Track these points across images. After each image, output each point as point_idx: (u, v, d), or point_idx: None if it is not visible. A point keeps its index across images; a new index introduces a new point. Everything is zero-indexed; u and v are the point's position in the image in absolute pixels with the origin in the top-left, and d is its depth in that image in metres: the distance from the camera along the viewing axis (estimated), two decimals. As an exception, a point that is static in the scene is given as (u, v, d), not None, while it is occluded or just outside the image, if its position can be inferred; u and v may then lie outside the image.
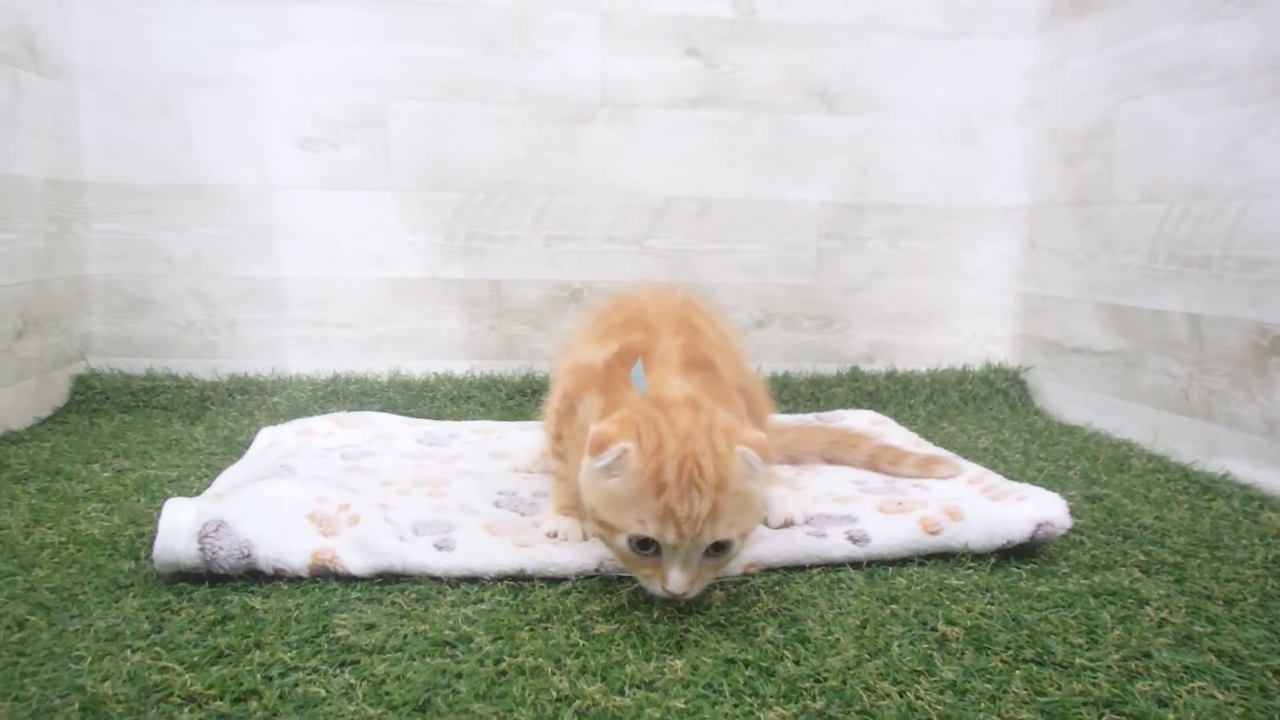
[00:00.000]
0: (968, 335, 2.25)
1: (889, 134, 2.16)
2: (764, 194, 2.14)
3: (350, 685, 0.81)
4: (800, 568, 1.11)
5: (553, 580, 1.06)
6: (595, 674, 0.84)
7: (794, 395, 2.08)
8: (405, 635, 0.91)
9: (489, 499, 1.33)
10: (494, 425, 1.80)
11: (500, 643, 0.90)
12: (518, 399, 2.02)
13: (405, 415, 1.84)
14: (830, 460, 1.55)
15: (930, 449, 1.56)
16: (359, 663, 0.85)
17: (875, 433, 1.64)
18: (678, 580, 0.95)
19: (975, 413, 2.07)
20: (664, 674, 0.85)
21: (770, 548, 1.12)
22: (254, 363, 2.06)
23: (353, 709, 0.77)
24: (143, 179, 1.98)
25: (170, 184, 1.99)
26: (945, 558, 1.14)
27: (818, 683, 0.84)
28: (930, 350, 2.24)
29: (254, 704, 0.78)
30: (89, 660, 0.85)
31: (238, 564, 1.03)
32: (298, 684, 0.81)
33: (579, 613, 0.97)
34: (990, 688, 0.83)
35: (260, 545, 1.04)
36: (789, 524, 1.20)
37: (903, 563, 1.13)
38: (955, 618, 0.97)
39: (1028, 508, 1.17)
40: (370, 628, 0.92)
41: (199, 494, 1.20)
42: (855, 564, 1.12)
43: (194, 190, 1.99)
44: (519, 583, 1.05)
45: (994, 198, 2.20)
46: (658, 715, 0.77)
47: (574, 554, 1.08)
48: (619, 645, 0.90)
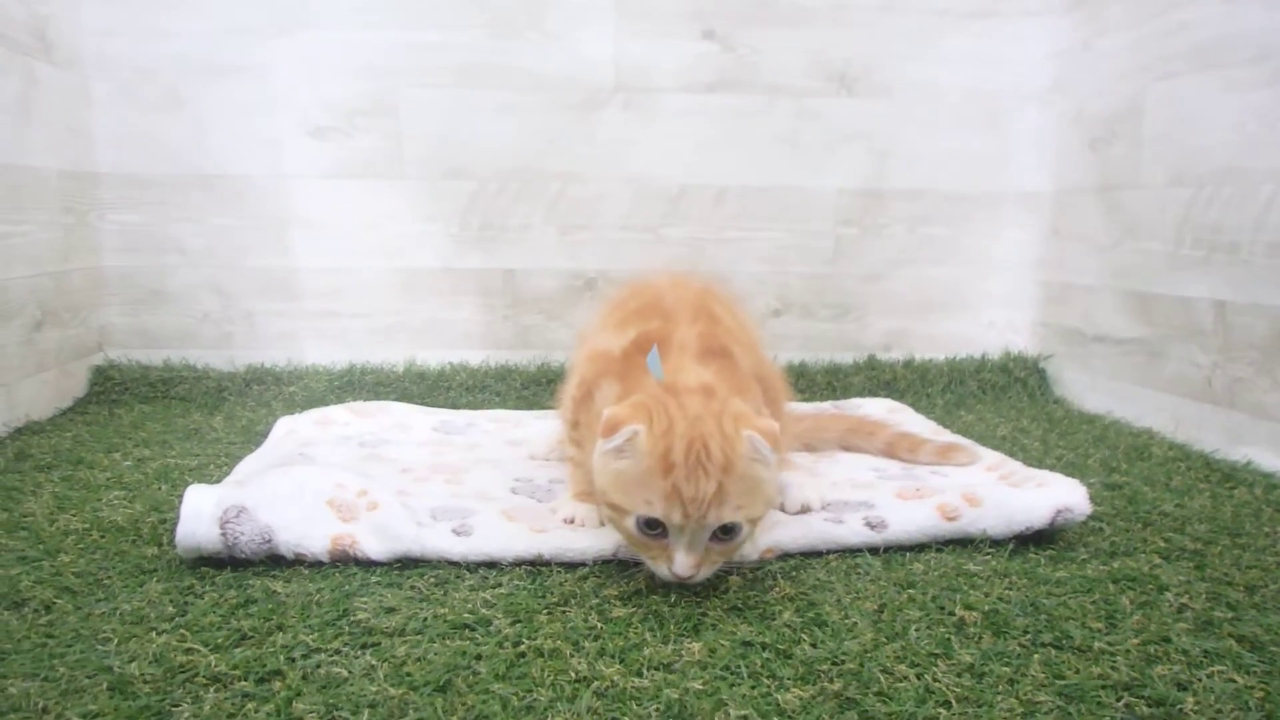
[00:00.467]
0: (986, 324, 2.23)
1: (909, 118, 2.14)
2: (781, 180, 2.13)
3: (371, 666, 0.82)
4: (817, 553, 1.11)
5: (570, 565, 1.06)
6: (613, 656, 0.85)
7: (810, 384, 2.08)
8: (425, 618, 0.91)
9: (506, 485, 1.34)
10: (510, 414, 1.81)
11: (519, 626, 0.90)
12: (533, 389, 2.03)
13: (421, 405, 1.85)
14: (848, 448, 1.55)
15: (949, 436, 1.56)
16: (380, 645, 0.86)
17: (893, 420, 1.64)
18: (684, 562, 0.95)
19: (993, 402, 2.06)
20: (681, 656, 0.85)
21: (787, 533, 1.12)
22: (270, 353, 2.07)
23: (374, 689, 0.78)
24: (156, 170, 1.99)
25: (184, 174, 2.00)
26: (963, 544, 1.14)
27: (835, 665, 0.84)
28: (948, 339, 2.23)
29: (277, 684, 0.79)
30: (115, 642, 0.86)
31: (259, 549, 1.04)
32: (320, 665, 0.82)
33: (597, 596, 0.98)
34: (1008, 671, 0.83)
35: (281, 531, 1.04)
36: (806, 510, 1.20)
37: (920, 549, 1.13)
38: (973, 602, 0.97)
39: (1047, 494, 1.16)
40: (390, 611, 0.93)
41: (218, 482, 1.21)
42: (873, 550, 1.12)
43: (208, 181, 2.01)
44: (537, 567, 1.06)
45: (1016, 183, 2.18)
46: (675, 696, 0.78)
47: (591, 539, 1.08)
48: (637, 628, 0.91)
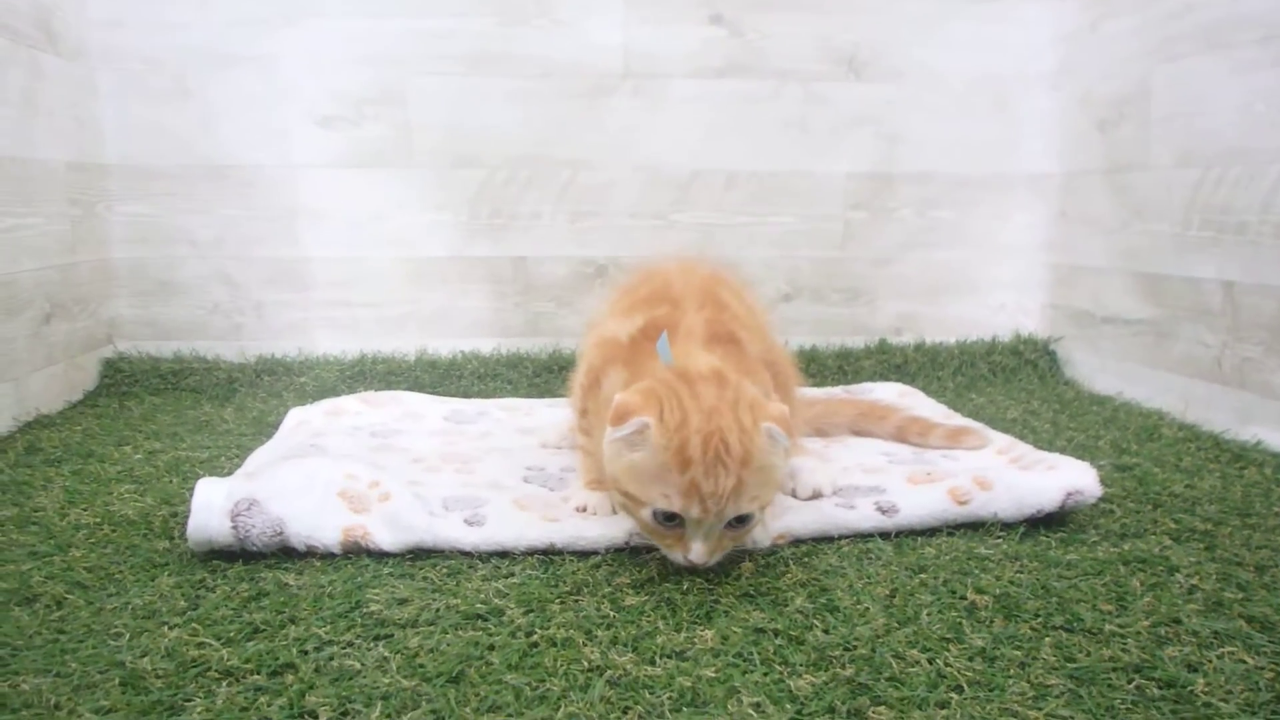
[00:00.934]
0: (996, 306, 2.22)
1: (918, 102, 2.13)
2: (790, 165, 2.12)
3: (384, 658, 0.82)
4: (829, 539, 1.11)
5: (582, 554, 1.06)
6: (626, 644, 0.85)
7: (821, 369, 2.08)
8: (437, 609, 0.92)
9: (518, 474, 1.34)
10: (522, 402, 1.81)
11: (531, 615, 0.91)
12: (544, 376, 2.03)
13: (433, 394, 1.85)
14: (858, 432, 1.55)
15: (959, 420, 1.56)
16: (392, 636, 0.86)
17: (903, 405, 1.64)
18: (699, 551, 0.96)
19: (1004, 384, 2.05)
20: (694, 644, 0.85)
21: (799, 519, 1.12)
22: (281, 344, 2.07)
23: (387, 681, 0.78)
24: (164, 160, 1.99)
25: (192, 165, 2.00)
26: (974, 527, 1.14)
27: (847, 651, 0.84)
28: (959, 322, 2.22)
29: (290, 677, 0.79)
30: (127, 637, 0.86)
31: (270, 541, 1.04)
32: (333, 657, 0.82)
33: (609, 585, 0.98)
34: (1019, 654, 0.83)
35: (292, 523, 1.05)
36: (817, 495, 1.20)
37: (931, 533, 1.13)
38: (984, 586, 0.97)
39: (1057, 477, 1.16)
40: (403, 602, 0.93)
41: (230, 474, 1.22)
42: (884, 534, 1.12)
43: (216, 171, 2.00)
44: (549, 557, 1.06)
45: (1024, 166, 2.17)
46: (688, 684, 0.78)
47: (603, 528, 1.08)
48: (649, 616, 0.91)
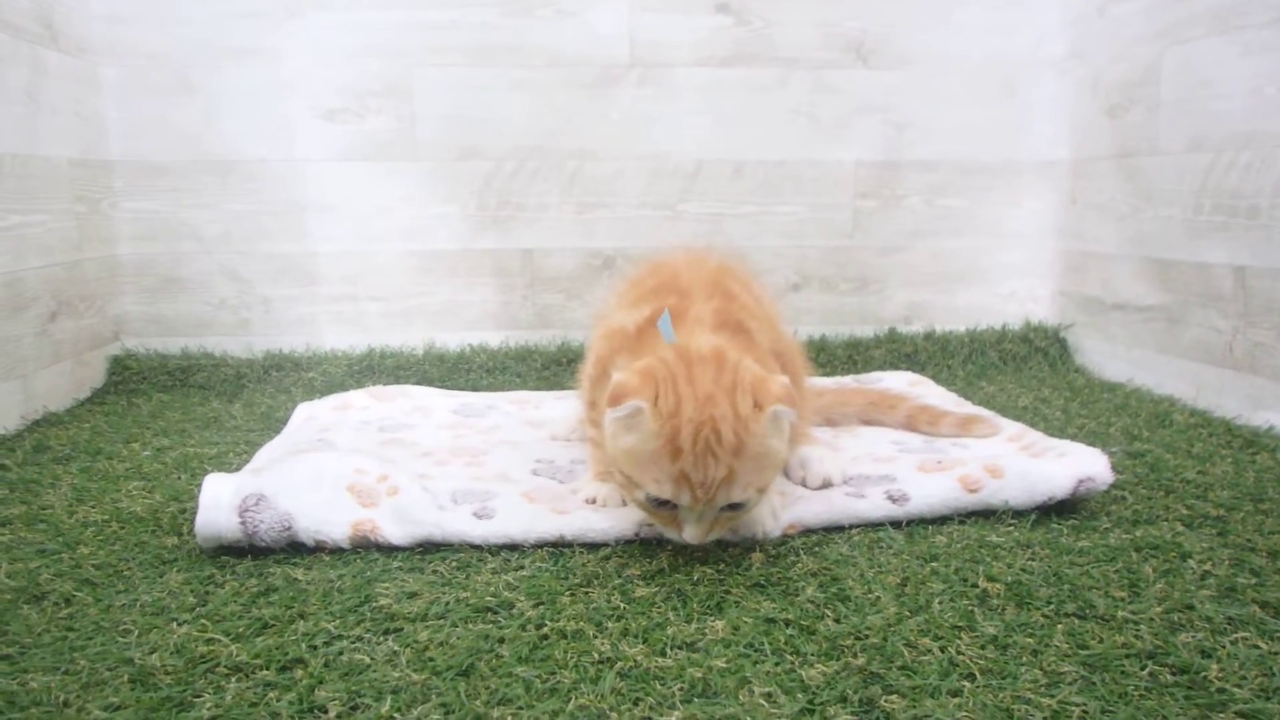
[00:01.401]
0: (1007, 294, 2.21)
1: (926, 89, 2.11)
2: (798, 154, 2.11)
3: (394, 652, 0.82)
4: (840, 528, 1.11)
5: (592, 546, 1.06)
6: (637, 636, 0.85)
7: (831, 359, 2.07)
8: (447, 603, 0.91)
9: (527, 467, 1.34)
10: (530, 395, 1.81)
11: (541, 608, 0.90)
12: (553, 369, 2.02)
13: (441, 388, 1.85)
14: (868, 422, 1.54)
15: (969, 408, 1.55)
16: (402, 630, 0.86)
17: (913, 394, 1.63)
18: (693, 533, 0.98)
19: (1015, 372, 2.04)
20: (705, 635, 0.85)
21: (809, 509, 1.11)
22: (289, 339, 2.07)
23: (397, 675, 0.78)
24: (169, 156, 1.99)
25: (197, 160, 1.99)
26: (985, 515, 1.13)
27: (859, 640, 0.83)
28: (969, 310, 2.21)
29: (300, 672, 0.79)
30: (136, 633, 0.86)
31: (279, 537, 1.04)
32: (342, 652, 0.82)
33: (619, 577, 0.98)
34: (1032, 641, 0.82)
35: (301, 518, 1.04)
36: (828, 485, 1.19)
37: (942, 521, 1.12)
38: (996, 574, 0.96)
39: (1068, 464, 1.15)
40: (412, 596, 0.93)
41: (238, 470, 1.21)
42: (895, 523, 1.12)
43: (221, 166, 2.00)
44: (559, 549, 1.05)
45: (1034, 153, 2.16)
46: (699, 675, 0.77)
47: (613, 519, 1.08)
48: (660, 607, 0.90)
